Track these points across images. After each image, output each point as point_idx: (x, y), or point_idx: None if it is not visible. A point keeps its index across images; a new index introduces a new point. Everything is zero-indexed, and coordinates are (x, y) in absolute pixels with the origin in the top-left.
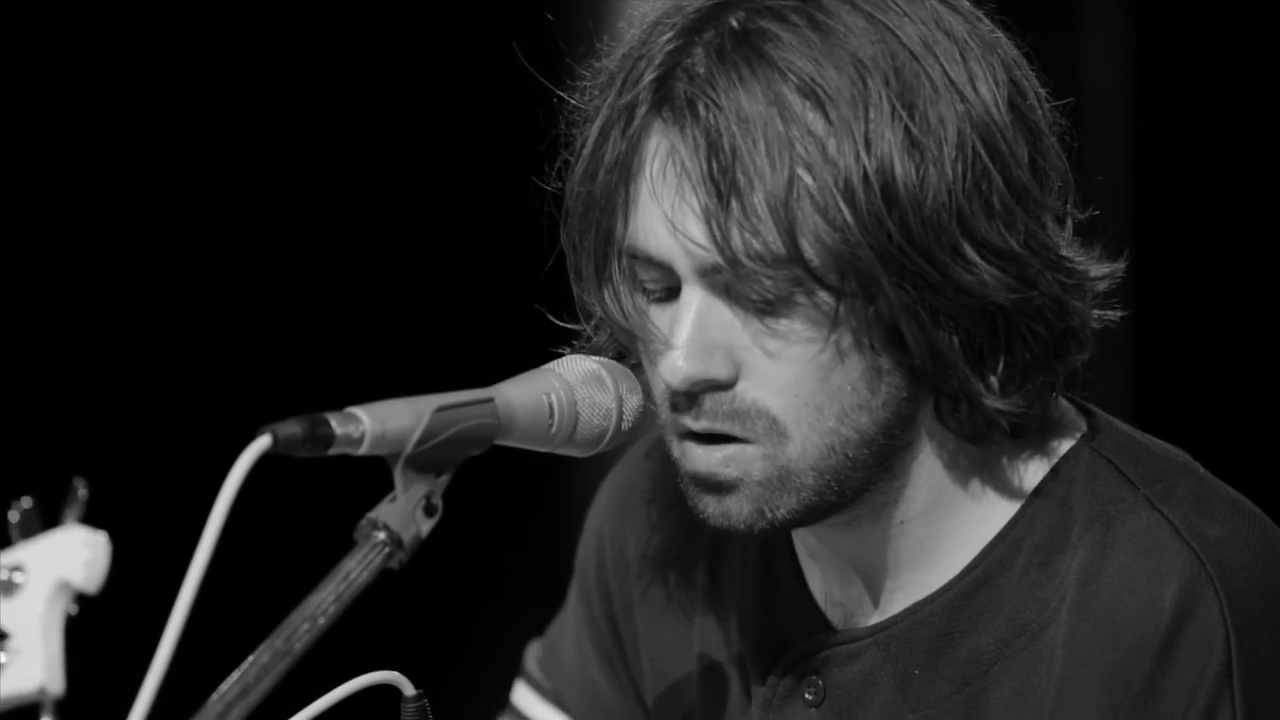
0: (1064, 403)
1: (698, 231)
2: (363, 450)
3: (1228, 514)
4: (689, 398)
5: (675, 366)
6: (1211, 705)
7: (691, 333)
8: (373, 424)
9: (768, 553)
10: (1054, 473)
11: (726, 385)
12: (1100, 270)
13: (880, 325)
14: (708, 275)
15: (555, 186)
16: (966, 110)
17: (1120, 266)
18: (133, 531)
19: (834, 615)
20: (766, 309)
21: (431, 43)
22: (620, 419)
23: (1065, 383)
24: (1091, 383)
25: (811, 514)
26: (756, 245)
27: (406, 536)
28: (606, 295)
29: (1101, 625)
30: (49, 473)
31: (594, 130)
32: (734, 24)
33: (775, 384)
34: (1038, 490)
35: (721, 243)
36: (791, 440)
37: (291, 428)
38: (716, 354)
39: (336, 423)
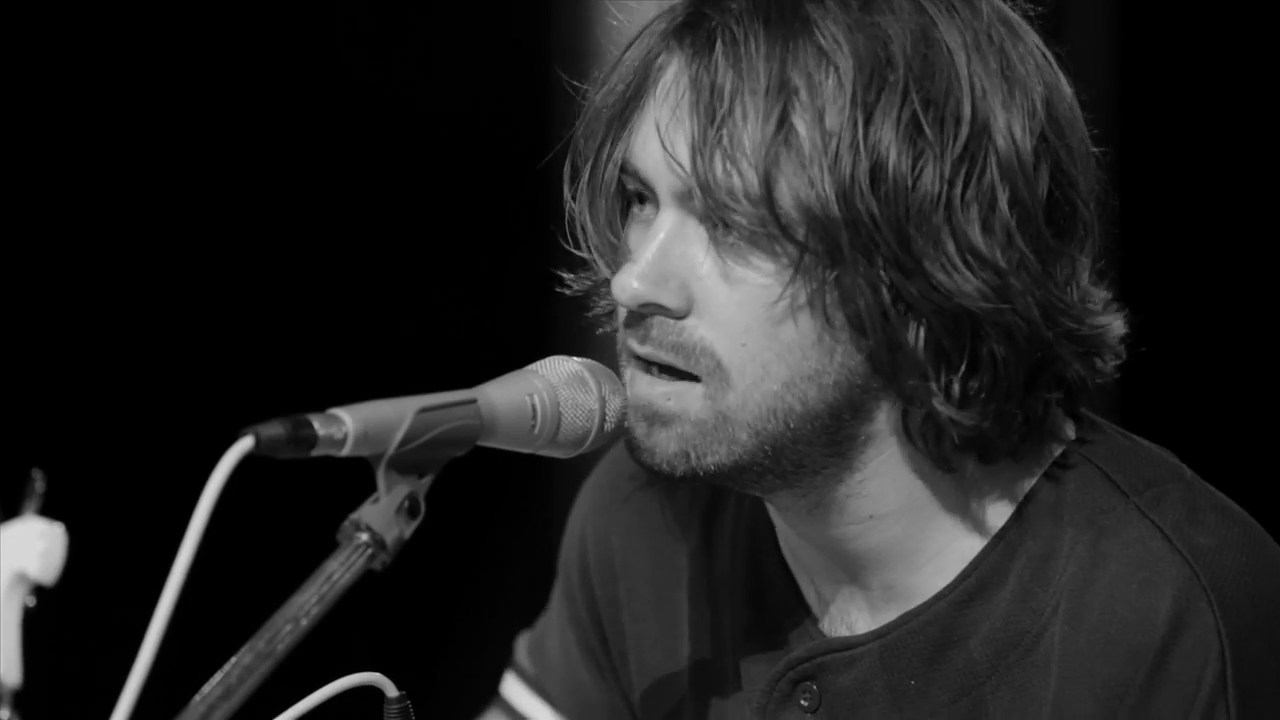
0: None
1: (683, 152)
2: (345, 451)
3: (1218, 522)
4: (639, 319)
5: (627, 284)
6: (1207, 716)
7: (653, 256)
8: (355, 425)
9: (755, 552)
10: (1044, 480)
11: (676, 315)
12: (1098, 321)
13: (840, 295)
14: (684, 202)
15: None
16: (987, 122)
17: (1126, 332)
18: (116, 534)
19: (825, 617)
20: (732, 249)
21: (430, 44)
22: (603, 420)
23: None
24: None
25: (740, 473)
26: (735, 181)
27: (389, 538)
28: (594, 203)
29: (1095, 637)
30: (25, 472)
31: (625, 47)
32: None
33: (724, 326)
34: (1029, 497)
35: (702, 168)
36: (733, 389)
37: (274, 429)
38: (671, 282)
39: (319, 424)
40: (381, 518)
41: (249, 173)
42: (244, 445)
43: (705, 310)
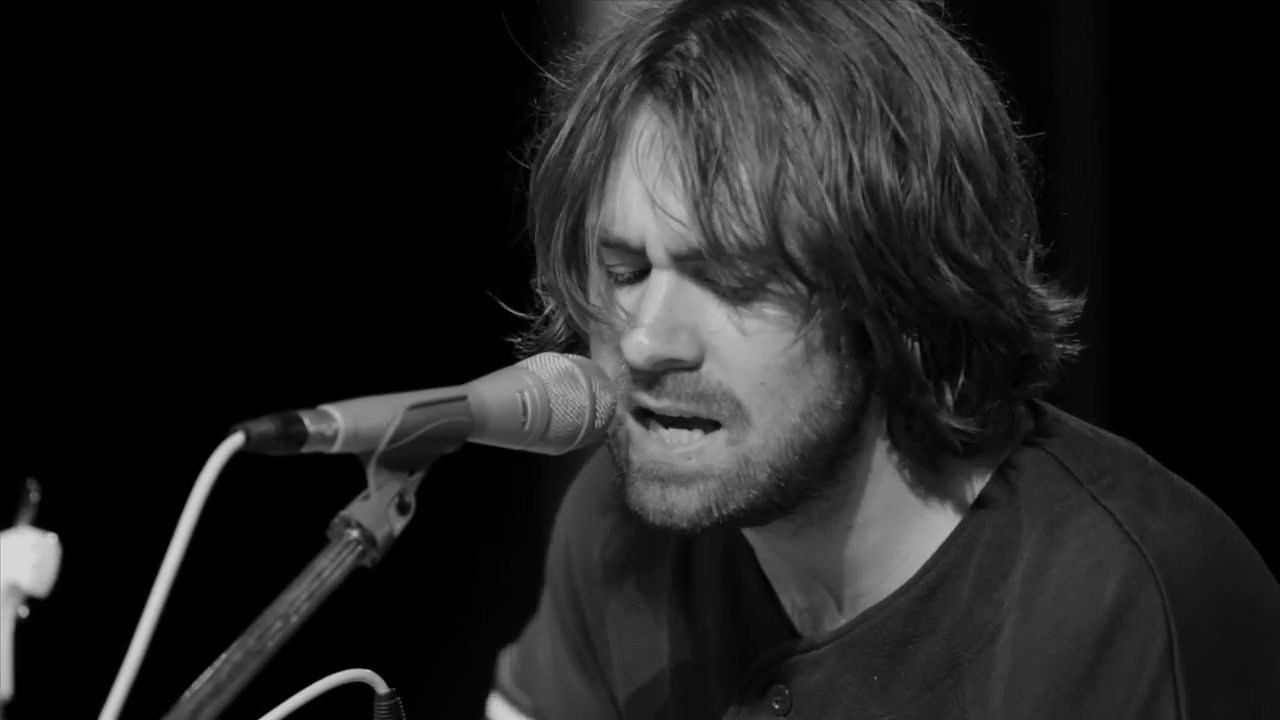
0: None
1: (680, 210)
2: (336, 448)
3: (1172, 506)
4: (651, 377)
5: (639, 343)
6: (1153, 693)
7: (659, 312)
8: (346, 422)
9: (731, 559)
10: (1002, 472)
11: (691, 366)
12: (1059, 304)
13: (849, 324)
14: (682, 260)
15: (528, 165)
16: (948, 125)
17: (1080, 303)
18: (106, 530)
19: (799, 621)
20: (738, 296)
21: (418, 45)
22: (594, 417)
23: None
24: (1064, 396)
25: (755, 516)
26: (738, 231)
27: (379, 535)
28: (573, 276)
29: (1045, 622)
30: (13, 475)
31: (573, 110)
32: (727, 15)
33: (742, 369)
34: (987, 491)
35: (705, 224)
36: (754, 428)
37: (264, 426)
38: (683, 334)
39: (310, 421)
40: (372, 515)
41: (236, 173)
42: (234, 442)
43: (718, 356)
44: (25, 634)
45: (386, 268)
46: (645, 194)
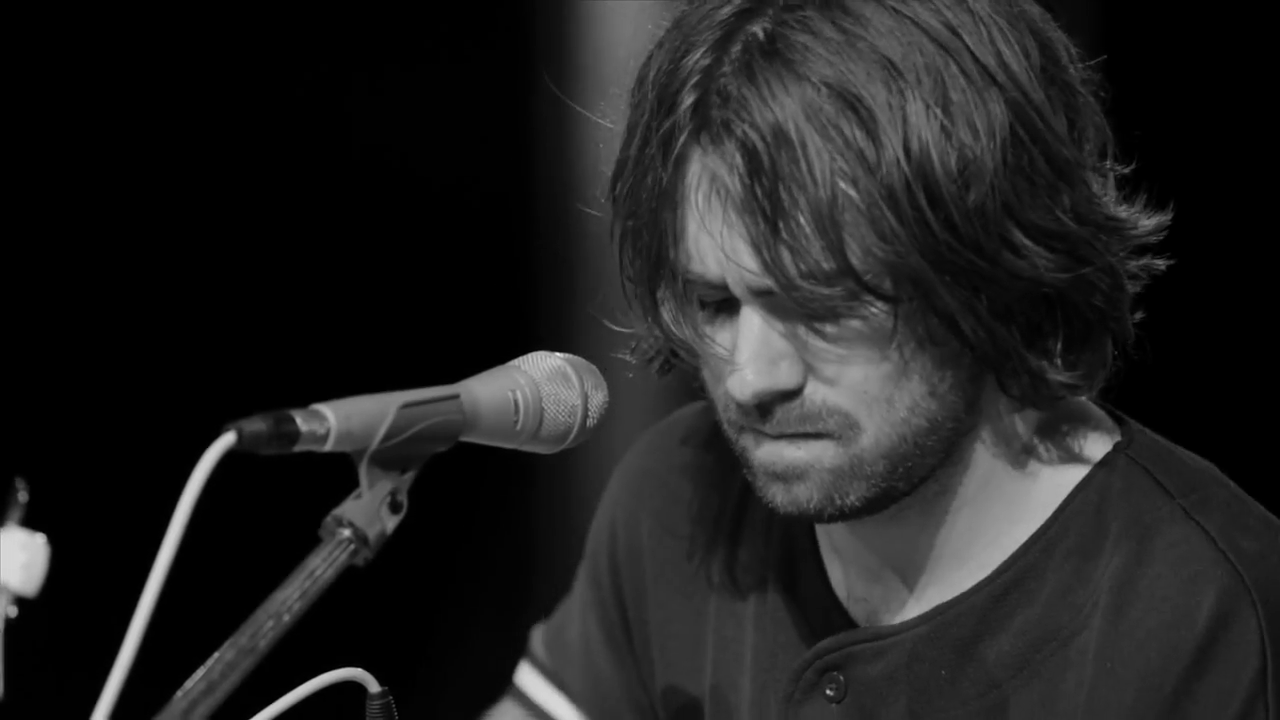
0: (1097, 409)
1: (748, 259)
2: (328, 447)
3: (1263, 528)
4: (760, 410)
5: (744, 383)
6: (1244, 713)
7: (756, 347)
8: (338, 421)
9: (789, 545)
10: (1089, 478)
11: (795, 392)
12: (1148, 223)
13: (940, 321)
14: (763, 296)
15: (599, 208)
16: (1001, 95)
17: (1167, 218)
18: (97, 531)
19: (856, 611)
20: (828, 318)
21: (408, 44)
22: (585, 416)
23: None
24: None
25: (879, 502)
26: (807, 265)
27: (371, 534)
28: (663, 314)
29: (1135, 632)
30: (2, 474)
31: (633, 152)
32: (760, 35)
33: (843, 383)
34: (1073, 495)
35: (773, 267)
36: (865, 431)
37: (256, 425)
38: (783, 363)
39: (302, 420)
40: (364, 513)
41: (223, 171)
42: (226, 441)
43: (818, 375)
44: (17, 635)
45: (377, 267)
46: (715, 246)
